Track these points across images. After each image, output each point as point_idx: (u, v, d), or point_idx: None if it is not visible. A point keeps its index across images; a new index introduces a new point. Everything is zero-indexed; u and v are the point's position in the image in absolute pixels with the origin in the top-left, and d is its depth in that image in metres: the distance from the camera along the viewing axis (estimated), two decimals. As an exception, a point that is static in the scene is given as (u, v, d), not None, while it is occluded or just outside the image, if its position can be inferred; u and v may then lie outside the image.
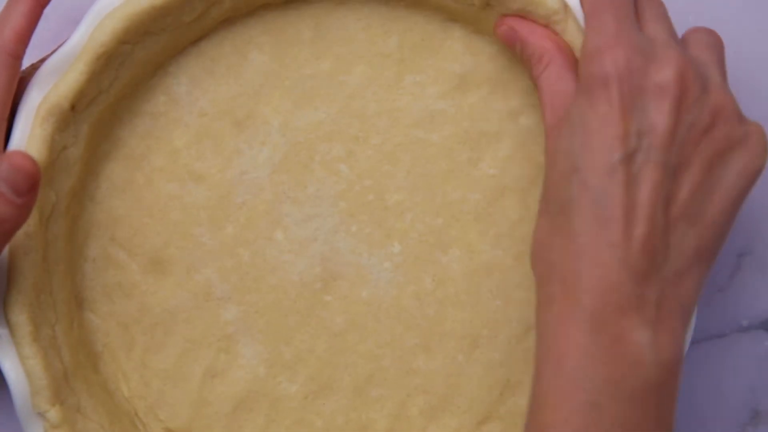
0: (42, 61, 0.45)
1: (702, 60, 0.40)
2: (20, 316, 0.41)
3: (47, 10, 0.42)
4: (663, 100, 0.38)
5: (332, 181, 0.46)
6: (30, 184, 0.37)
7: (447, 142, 0.46)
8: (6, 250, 0.41)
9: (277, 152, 0.46)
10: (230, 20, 0.45)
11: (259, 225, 0.46)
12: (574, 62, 0.42)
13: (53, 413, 0.42)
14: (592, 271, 0.37)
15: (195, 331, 0.46)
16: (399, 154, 0.46)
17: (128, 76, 0.44)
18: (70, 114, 0.42)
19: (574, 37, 0.42)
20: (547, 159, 0.40)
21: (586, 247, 0.37)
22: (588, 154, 0.38)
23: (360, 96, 0.46)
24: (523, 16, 0.43)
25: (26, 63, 0.45)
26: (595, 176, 0.37)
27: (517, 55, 0.44)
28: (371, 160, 0.46)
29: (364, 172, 0.46)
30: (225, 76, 0.46)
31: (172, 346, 0.46)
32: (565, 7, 0.43)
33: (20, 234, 0.41)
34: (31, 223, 0.41)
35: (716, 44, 0.41)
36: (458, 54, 0.46)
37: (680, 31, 0.42)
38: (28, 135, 0.42)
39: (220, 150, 0.46)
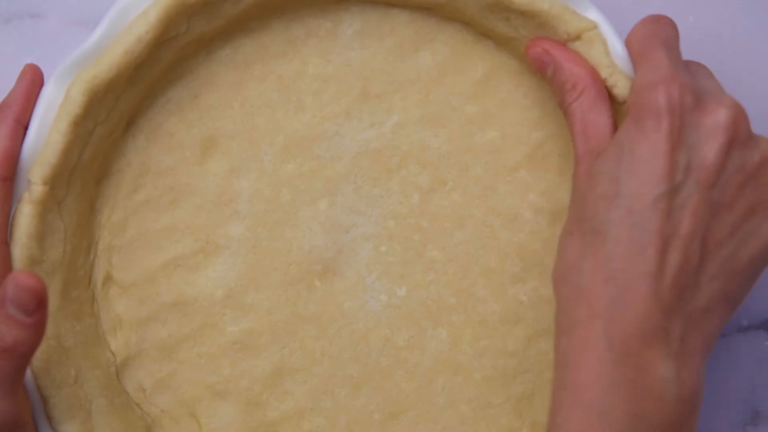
0: None
1: None
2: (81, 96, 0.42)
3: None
4: (714, 138, 0.38)
5: (398, 200, 0.46)
6: (37, 301, 0.37)
7: (509, 248, 0.46)
8: None
9: (378, 142, 0.46)
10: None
11: (315, 185, 0.46)
12: (606, 94, 0.42)
13: (38, 190, 0.41)
14: (622, 299, 0.37)
15: (196, 219, 0.46)
16: (466, 224, 0.46)
17: None
18: None
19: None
20: (579, 181, 0.40)
21: (619, 273, 0.37)
22: (634, 181, 0.38)
23: (478, 153, 0.46)
24: (563, 43, 0.43)
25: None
26: (639, 204, 0.37)
27: (547, 79, 0.44)
28: (442, 209, 0.46)
29: (428, 214, 0.46)
30: (395, 51, 0.46)
31: (168, 217, 0.46)
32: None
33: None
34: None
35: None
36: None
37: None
38: None
39: (338, 103, 0.46)
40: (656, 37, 0.41)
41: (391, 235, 0.46)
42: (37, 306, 0.37)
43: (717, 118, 0.38)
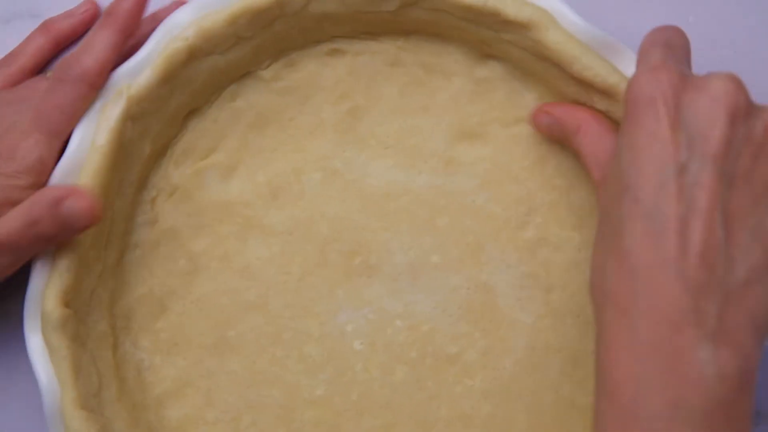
0: None
1: None
2: None
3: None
4: (714, 109, 0.36)
5: (450, 352, 0.46)
6: (84, 226, 0.40)
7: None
8: None
9: (494, 319, 0.47)
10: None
11: (451, 250, 0.47)
12: (610, 125, 0.42)
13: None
14: (645, 291, 0.36)
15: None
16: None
17: None
18: None
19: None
20: (600, 200, 0.40)
21: (638, 265, 0.36)
22: (636, 170, 0.37)
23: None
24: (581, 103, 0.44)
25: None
26: (646, 191, 0.36)
27: (556, 139, 0.45)
28: (451, 407, 0.46)
29: (441, 391, 0.46)
30: None
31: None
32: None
33: None
34: None
35: None
36: None
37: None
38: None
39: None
40: (656, 39, 0.40)
41: (402, 345, 0.46)
42: (80, 229, 0.41)
43: (712, 91, 0.36)
